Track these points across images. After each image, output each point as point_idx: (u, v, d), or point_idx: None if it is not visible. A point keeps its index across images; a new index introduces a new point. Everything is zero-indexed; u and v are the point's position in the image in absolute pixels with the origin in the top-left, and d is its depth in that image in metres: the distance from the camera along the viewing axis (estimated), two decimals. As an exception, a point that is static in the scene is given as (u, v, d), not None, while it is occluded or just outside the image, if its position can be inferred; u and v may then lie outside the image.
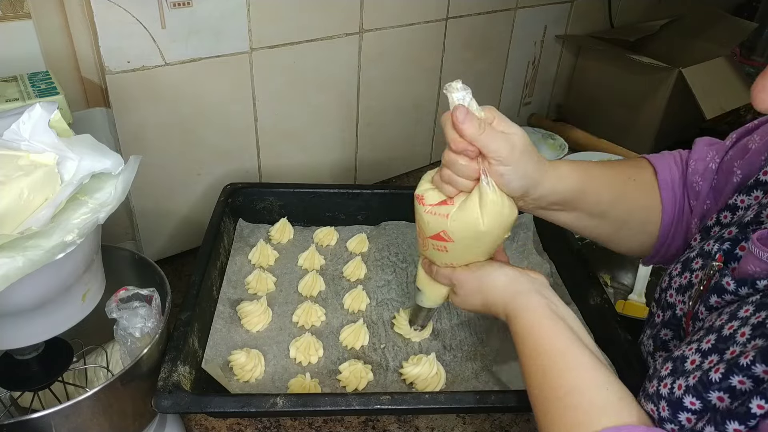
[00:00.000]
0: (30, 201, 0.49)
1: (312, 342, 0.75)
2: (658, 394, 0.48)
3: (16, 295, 0.48)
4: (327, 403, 0.62)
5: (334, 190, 0.98)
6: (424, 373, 0.71)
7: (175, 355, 0.64)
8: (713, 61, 1.41)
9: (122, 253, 0.73)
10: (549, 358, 0.54)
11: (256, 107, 1.01)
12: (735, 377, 0.43)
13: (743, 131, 0.64)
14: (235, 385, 0.70)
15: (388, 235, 0.97)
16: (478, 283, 0.63)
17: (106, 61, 0.81)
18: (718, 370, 0.44)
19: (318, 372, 0.73)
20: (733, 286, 0.50)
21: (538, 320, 0.57)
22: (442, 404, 0.64)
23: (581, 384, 0.51)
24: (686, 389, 0.46)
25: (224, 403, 0.61)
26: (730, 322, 0.47)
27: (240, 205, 0.95)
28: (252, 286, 0.84)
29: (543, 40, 1.48)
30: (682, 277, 0.58)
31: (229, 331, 0.77)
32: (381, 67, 1.15)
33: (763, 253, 0.47)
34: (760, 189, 0.55)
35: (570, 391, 0.50)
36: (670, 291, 0.60)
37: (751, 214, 0.54)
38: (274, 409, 0.60)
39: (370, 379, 0.72)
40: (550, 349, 0.54)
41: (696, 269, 0.57)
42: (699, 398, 0.45)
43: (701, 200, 0.64)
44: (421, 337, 0.79)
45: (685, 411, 0.46)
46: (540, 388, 0.53)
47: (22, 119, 0.53)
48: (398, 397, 0.63)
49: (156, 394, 0.60)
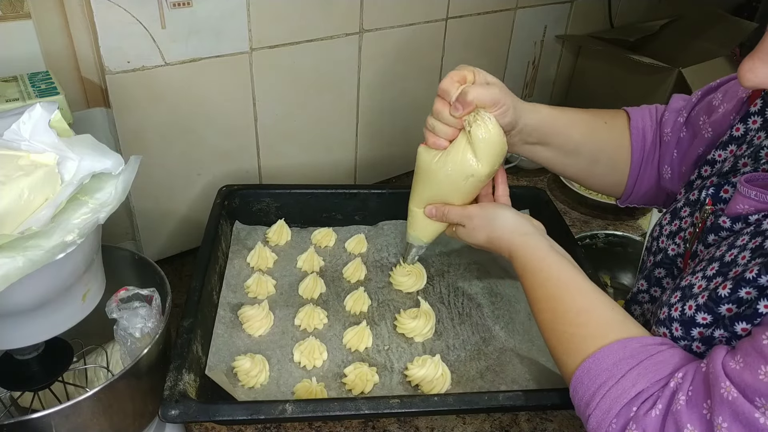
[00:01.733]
0: (30, 201, 0.49)
1: (316, 345, 0.74)
2: (670, 318, 0.54)
3: (17, 295, 0.48)
4: (336, 408, 0.61)
5: (330, 191, 0.97)
6: (429, 375, 0.71)
7: (180, 363, 0.63)
8: (713, 61, 1.41)
9: (122, 253, 0.73)
10: (558, 285, 0.60)
11: (256, 107, 1.01)
12: (742, 290, 0.48)
13: (707, 89, 0.71)
14: (241, 392, 0.68)
15: (387, 235, 0.97)
16: (488, 220, 0.69)
17: (106, 61, 0.81)
18: (726, 287, 0.50)
19: (323, 376, 0.72)
20: (729, 224, 0.57)
21: (544, 255, 0.63)
22: (451, 406, 0.63)
23: (590, 305, 0.57)
24: (697, 308, 0.52)
25: (233, 411, 0.60)
26: (729, 251, 0.53)
27: (236, 207, 0.94)
28: (252, 289, 0.83)
29: (543, 40, 1.48)
30: (672, 224, 0.66)
31: (231, 336, 0.76)
32: (381, 67, 1.15)
33: (750, 191, 0.54)
34: (734, 143, 0.63)
35: (580, 312, 0.56)
36: (661, 238, 0.67)
37: (728, 165, 0.62)
38: (284, 416, 0.59)
39: (375, 382, 0.71)
40: (559, 278, 0.60)
41: (684, 216, 0.64)
42: (710, 313, 0.51)
43: (670, 149, 0.73)
44: (421, 323, 0.79)
45: (697, 326, 0.52)
46: (552, 311, 0.59)
47: (23, 119, 0.53)
48: (407, 401, 0.62)
49: (162, 404, 0.58)
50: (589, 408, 0.50)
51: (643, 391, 0.48)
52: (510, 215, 0.69)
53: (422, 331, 0.78)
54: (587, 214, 1.27)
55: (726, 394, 0.42)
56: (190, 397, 0.60)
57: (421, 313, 0.79)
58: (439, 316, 0.82)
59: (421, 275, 0.87)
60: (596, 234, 1.10)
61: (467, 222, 0.71)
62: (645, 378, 0.48)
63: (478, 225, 0.70)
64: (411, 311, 0.80)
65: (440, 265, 0.92)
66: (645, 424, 0.46)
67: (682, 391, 0.46)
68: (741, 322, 0.48)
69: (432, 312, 0.80)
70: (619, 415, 0.48)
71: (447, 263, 0.92)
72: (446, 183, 0.71)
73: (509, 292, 0.87)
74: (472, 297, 0.86)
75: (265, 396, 0.69)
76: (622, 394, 0.48)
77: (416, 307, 0.81)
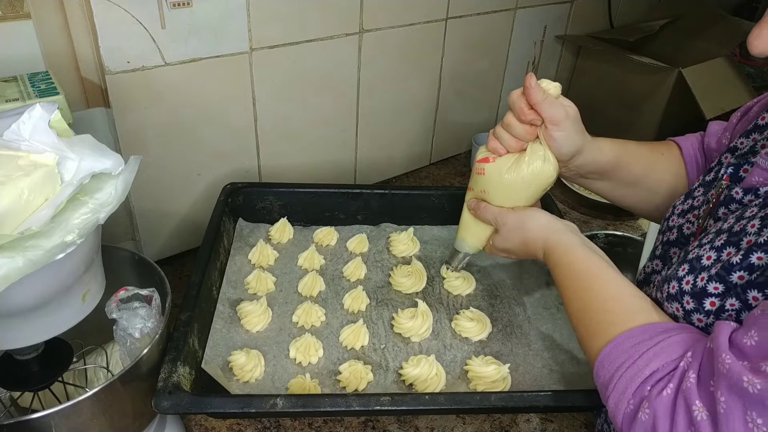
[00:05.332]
0: (30, 201, 0.49)
1: (312, 342, 0.75)
2: (681, 291, 0.54)
3: (16, 295, 0.48)
4: (327, 404, 0.62)
5: (334, 190, 0.98)
6: (423, 374, 0.71)
7: (175, 356, 0.64)
8: (713, 61, 1.41)
9: (122, 253, 0.73)
10: (589, 277, 0.61)
11: (255, 107, 1.01)
12: (753, 255, 0.49)
13: (744, 109, 0.72)
14: (235, 386, 0.69)
15: (388, 235, 0.97)
16: (520, 222, 0.71)
17: (106, 61, 0.81)
18: (738, 255, 0.51)
19: (318, 372, 0.73)
20: (741, 195, 0.58)
21: (576, 250, 0.65)
22: (442, 405, 0.64)
23: (619, 293, 0.58)
24: (709, 278, 0.52)
25: (224, 403, 0.61)
26: (738, 222, 0.54)
27: (240, 205, 0.95)
28: (252, 286, 0.84)
29: (543, 40, 1.48)
30: (685, 203, 0.66)
31: (229, 331, 0.77)
32: (381, 67, 1.15)
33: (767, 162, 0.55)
34: (758, 132, 0.64)
35: (609, 299, 0.58)
36: (672, 217, 0.68)
37: (746, 148, 0.64)
38: (274, 410, 0.60)
39: (370, 380, 0.72)
40: (589, 269, 0.62)
41: (698, 196, 0.65)
42: (722, 281, 0.51)
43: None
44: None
45: (709, 297, 0.52)
46: (581, 300, 0.60)
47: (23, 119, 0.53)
48: (398, 398, 0.63)
49: (156, 395, 0.60)
50: (608, 390, 0.50)
51: (657, 371, 0.48)
52: (542, 215, 0.71)
53: (419, 331, 0.78)
54: (587, 214, 1.28)
55: (721, 367, 0.43)
56: (184, 389, 0.61)
57: (418, 313, 0.79)
58: (437, 316, 0.82)
59: (421, 277, 0.87)
60: (596, 234, 1.10)
61: (501, 226, 0.72)
62: (659, 358, 0.49)
63: (512, 227, 0.71)
64: (408, 311, 0.80)
65: (439, 267, 0.92)
66: (656, 404, 0.46)
67: (692, 369, 0.46)
68: (753, 290, 0.48)
69: (429, 312, 0.80)
70: (634, 394, 0.48)
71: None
72: (517, 190, 0.71)
73: (508, 294, 0.87)
74: (472, 298, 0.86)
75: (259, 390, 0.70)
76: (637, 373, 0.48)
77: (414, 307, 0.81)
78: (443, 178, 1.36)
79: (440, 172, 1.39)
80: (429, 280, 0.88)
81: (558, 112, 0.65)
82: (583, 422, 0.79)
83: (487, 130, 1.39)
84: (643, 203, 0.79)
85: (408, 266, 0.89)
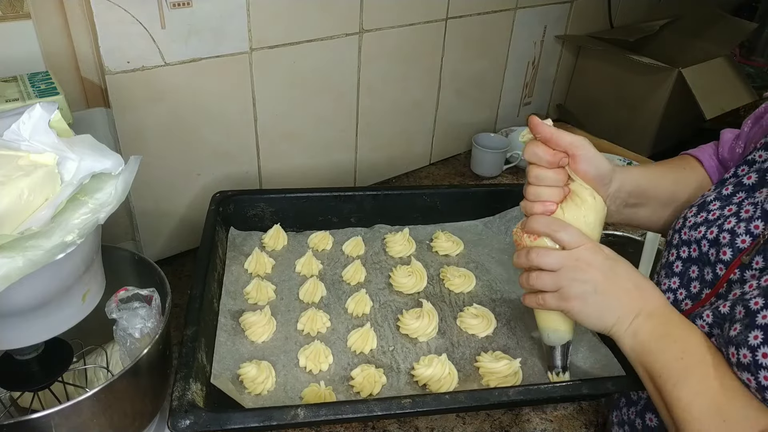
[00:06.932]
0: (30, 201, 0.49)
1: (321, 349, 0.74)
2: (757, 365, 0.50)
3: (16, 295, 0.48)
4: (348, 411, 0.60)
5: (325, 194, 0.96)
6: (437, 374, 0.71)
7: (186, 373, 0.62)
8: (713, 61, 1.42)
9: (122, 253, 0.73)
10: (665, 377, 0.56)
11: (255, 107, 1.01)
12: None
13: (755, 116, 0.72)
14: (248, 399, 0.68)
15: (383, 237, 0.97)
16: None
17: (105, 61, 0.81)
18: None
19: (330, 379, 0.72)
20: None
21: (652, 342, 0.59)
22: (463, 404, 0.63)
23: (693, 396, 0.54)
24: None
25: (244, 418, 0.59)
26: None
27: (231, 213, 0.93)
28: (252, 295, 0.83)
29: (543, 40, 1.48)
30: (698, 216, 0.66)
31: (234, 343, 0.75)
32: (381, 67, 1.15)
33: None
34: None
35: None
36: (683, 229, 0.67)
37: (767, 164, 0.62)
38: (296, 421, 0.58)
39: (383, 383, 0.71)
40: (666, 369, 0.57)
41: (713, 210, 0.65)
42: None
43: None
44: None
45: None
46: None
47: (22, 119, 0.53)
48: (419, 400, 0.62)
49: (172, 415, 0.57)
50: None
51: None
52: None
53: (426, 331, 0.78)
54: (587, 214, 1.27)
55: None
56: (199, 406, 0.59)
57: (424, 313, 0.79)
58: (442, 315, 0.82)
59: (422, 277, 0.87)
60: (596, 234, 1.10)
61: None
62: None
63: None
64: (413, 311, 0.80)
65: (439, 266, 0.92)
66: None
67: None
68: None
69: (435, 311, 0.80)
70: None
71: (446, 263, 0.92)
72: (589, 235, 0.66)
73: (508, 288, 0.87)
74: (474, 296, 0.86)
75: (273, 402, 0.68)
76: None
77: (418, 307, 0.81)
78: (443, 178, 1.36)
79: (440, 172, 1.39)
80: (429, 279, 0.88)
81: (573, 136, 0.64)
82: (584, 422, 0.79)
83: (487, 130, 1.40)
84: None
85: (408, 266, 0.89)
